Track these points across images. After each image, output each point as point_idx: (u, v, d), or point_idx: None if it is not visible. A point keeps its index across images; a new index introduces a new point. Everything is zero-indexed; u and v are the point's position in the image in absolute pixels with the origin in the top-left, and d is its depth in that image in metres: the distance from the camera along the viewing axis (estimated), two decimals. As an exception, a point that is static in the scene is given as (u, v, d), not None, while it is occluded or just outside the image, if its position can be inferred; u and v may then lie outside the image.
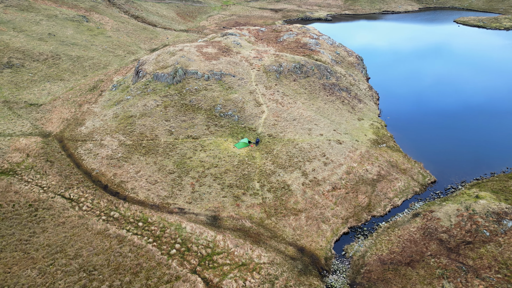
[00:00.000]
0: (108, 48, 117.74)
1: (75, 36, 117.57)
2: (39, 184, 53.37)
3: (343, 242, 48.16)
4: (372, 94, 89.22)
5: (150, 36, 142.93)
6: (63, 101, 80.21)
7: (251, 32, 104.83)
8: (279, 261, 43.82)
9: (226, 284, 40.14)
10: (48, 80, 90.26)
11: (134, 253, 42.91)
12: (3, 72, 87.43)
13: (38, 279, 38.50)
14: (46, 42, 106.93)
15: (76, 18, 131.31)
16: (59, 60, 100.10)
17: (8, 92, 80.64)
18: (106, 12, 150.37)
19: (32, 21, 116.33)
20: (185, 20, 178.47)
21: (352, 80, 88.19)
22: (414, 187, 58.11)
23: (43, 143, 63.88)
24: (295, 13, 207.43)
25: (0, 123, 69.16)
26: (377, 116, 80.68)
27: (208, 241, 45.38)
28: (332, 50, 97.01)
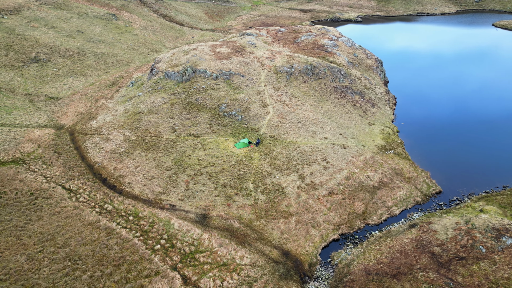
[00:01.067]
0: (132, 46, 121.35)
1: (102, 34, 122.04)
2: (43, 174, 55.92)
3: (332, 249, 47.10)
4: (389, 99, 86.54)
5: (176, 35, 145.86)
6: (81, 96, 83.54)
7: (269, 32, 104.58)
8: (261, 263, 43.50)
9: (203, 283, 40.35)
10: (71, 75, 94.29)
11: (120, 246, 44.03)
12: (30, 66, 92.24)
13: (26, 265, 40.37)
14: (74, 38, 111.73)
15: (105, 16, 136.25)
16: (84, 56, 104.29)
17: (31, 86, 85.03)
18: (136, 11, 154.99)
19: (63, 18, 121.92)
20: (213, 20, 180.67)
21: (367, 83, 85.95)
22: (416, 197, 55.84)
23: (55, 135, 66.85)
24: (324, 14, 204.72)
25: (19, 114, 73.06)
26: (390, 121, 78.18)
27: (193, 239, 45.79)
28: (350, 52, 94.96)
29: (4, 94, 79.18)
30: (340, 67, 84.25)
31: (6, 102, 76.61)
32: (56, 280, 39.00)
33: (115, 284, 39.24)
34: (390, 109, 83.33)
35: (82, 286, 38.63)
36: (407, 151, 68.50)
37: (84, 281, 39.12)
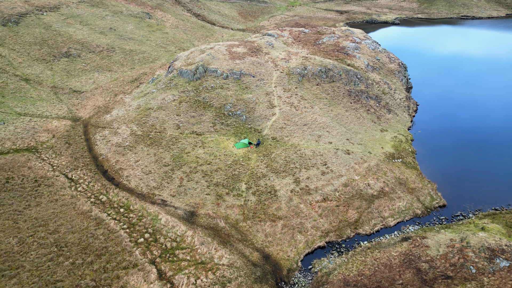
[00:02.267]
0: (161, 44, 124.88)
1: (133, 31, 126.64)
2: (51, 162, 59.06)
3: (316, 256, 45.98)
4: (409, 105, 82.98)
5: (206, 34, 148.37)
6: (102, 90, 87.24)
7: (292, 33, 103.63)
8: (239, 265, 43.35)
9: (177, 279, 40.87)
10: (98, 70, 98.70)
11: (105, 236, 45.61)
12: (60, 61, 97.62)
13: (16, 247, 42.90)
14: (105, 35, 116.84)
15: (139, 14, 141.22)
16: (112, 53, 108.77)
17: (58, 79, 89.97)
18: (170, 10, 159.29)
19: (99, 16, 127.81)
20: (246, 20, 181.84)
21: (386, 88, 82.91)
22: (416, 209, 53.18)
23: (71, 126, 70.34)
24: (361, 16, 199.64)
25: (42, 105, 77.58)
26: (406, 128, 74.96)
27: (177, 235, 46.49)
28: (371, 56, 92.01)
29: (32, 86, 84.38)
30: (357, 71, 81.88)
31: (33, 93, 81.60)
32: (40, 264, 41.10)
33: (93, 273, 40.70)
34: (409, 116, 79.87)
35: (62, 271, 40.44)
36: (418, 160, 65.42)
37: (65, 267, 40.93)
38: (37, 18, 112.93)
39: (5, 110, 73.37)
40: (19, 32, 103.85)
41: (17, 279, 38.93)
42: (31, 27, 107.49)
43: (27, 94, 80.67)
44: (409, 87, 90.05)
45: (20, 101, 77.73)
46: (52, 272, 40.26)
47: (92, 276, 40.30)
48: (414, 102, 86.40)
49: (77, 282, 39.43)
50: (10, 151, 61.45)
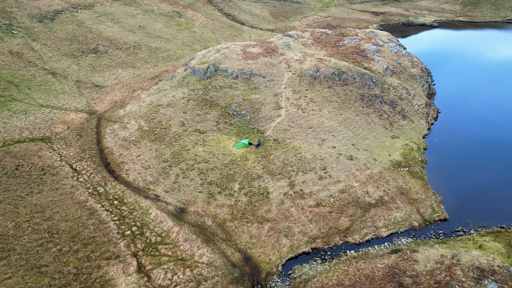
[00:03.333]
0: (187, 42, 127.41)
1: (162, 30, 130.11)
2: (60, 153, 62.05)
3: (299, 261, 45.15)
4: (428, 112, 79.33)
5: (234, 34, 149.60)
6: (122, 86, 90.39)
7: (313, 34, 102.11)
8: (218, 264, 43.46)
9: (155, 273, 41.67)
10: (122, 66, 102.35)
11: (95, 226, 47.31)
12: (88, 56, 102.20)
13: (11, 231, 45.51)
14: (134, 33, 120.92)
15: (170, 13, 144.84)
16: (138, 50, 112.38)
17: (83, 74, 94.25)
18: (201, 9, 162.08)
19: (130, 14, 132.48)
20: (277, 20, 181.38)
21: (404, 93, 79.74)
22: (413, 221, 50.78)
23: (85, 119, 73.51)
24: (397, 18, 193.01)
25: (64, 98, 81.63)
26: (421, 136, 71.74)
27: (163, 230, 47.35)
28: (393, 59, 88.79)
29: (58, 79, 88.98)
30: (373, 74, 79.33)
31: (57, 86, 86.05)
32: (30, 248, 43.35)
33: (77, 260, 42.37)
34: (426, 124, 76.33)
35: (48, 257, 42.43)
36: (428, 170, 62.44)
37: (52, 253, 42.91)
38: (71, 15, 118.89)
39: (29, 101, 77.91)
40: (53, 28, 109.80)
41: (6, 261, 41.29)
42: (65, 24, 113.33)
43: (52, 87, 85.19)
44: (431, 93, 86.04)
45: (44, 93, 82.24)
46: (40, 257, 42.34)
47: (75, 264, 41.96)
48: (435, 109, 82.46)
49: (60, 268, 41.20)
50: (26, 140, 65.19)
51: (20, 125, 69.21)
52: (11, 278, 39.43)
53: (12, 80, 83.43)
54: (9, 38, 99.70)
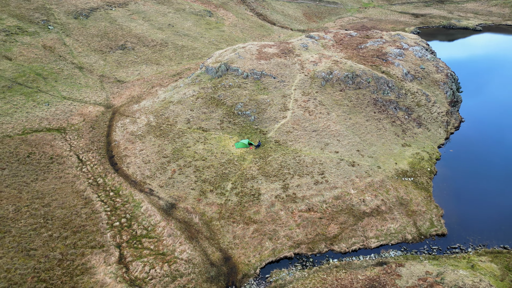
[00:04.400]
0: (214, 41, 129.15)
1: (190, 28, 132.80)
2: (71, 143, 65.14)
3: (280, 266, 44.48)
4: (448, 120, 75.22)
5: (263, 34, 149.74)
6: (143, 82, 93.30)
7: (336, 36, 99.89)
8: (197, 262, 43.81)
9: (133, 265, 42.74)
10: (147, 63, 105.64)
11: (87, 215, 49.26)
12: (115, 53, 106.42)
13: (11, 214, 48.42)
14: (163, 31, 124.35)
15: (201, 12, 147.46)
16: (165, 48, 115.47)
17: (108, 69, 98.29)
18: (233, 9, 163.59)
19: (161, 12, 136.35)
20: (310, 21, 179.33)
21: (423, 100, 76.12)
22: (407, 234, 48.40)
23: (101, 112, 76.66)
24: (438, 20, 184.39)
25: (86, 92, 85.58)
26: (436, 146, 68.19)
27: (150, 224, 48.43)
28: (415, 64, 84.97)
29: (83, 74, 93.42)
30: (390, 79, 76.35)
31: (82, 80, 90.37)
32: (24, 232, 45.93)
33: (64, 247, 44.36)
34: (445, 132, 72.39)
35: (39, 241, 44.75)
36: (436, 182, 59.30)
37: (42, 238, 45.22)
38: (105, 12, 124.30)
39: (54, 93, 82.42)
40: (87, 25, 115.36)
41: (0, 242, 44.02)
42: (98, 21, 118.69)
43: (77, 81, 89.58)
44: (455, 100, 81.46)
45: (69, 86, 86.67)
46: (31, 241, 44.75)
47: (62, 250, 43.94)
48: (458, 118, 77.96)
49: (48, 253, 43.32)
50: (43, 130, 69.05)
51: (41, 115, 73.40)
52: (1, 258, 41.99)
53: (41, 73, 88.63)
54: (45, 33, 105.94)
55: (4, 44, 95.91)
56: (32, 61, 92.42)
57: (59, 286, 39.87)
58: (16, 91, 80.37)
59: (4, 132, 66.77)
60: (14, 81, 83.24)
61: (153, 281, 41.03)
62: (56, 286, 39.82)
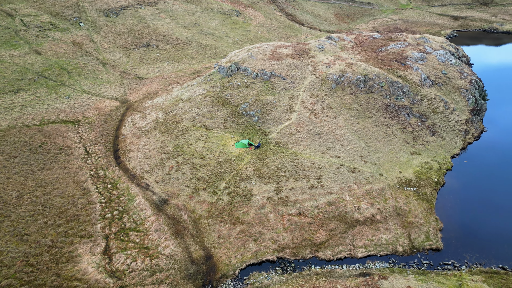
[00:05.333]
0: (238, 41, 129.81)
1: (216, 28, 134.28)
2: (82, 135, 67.88)
3: (261, 268, 44.01)
4: (467, 130, 71.25)
5: (289, 34, 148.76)
6: (161, 79, 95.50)
7: (358, 38, 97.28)
8: (178, 258, 44.29)
9: (116, 257, 43.92)
10: (168, 61, 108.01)
11: (83, 206, 51.15)
12: (139, 50, 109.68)
13: (13, 200, 51.20)
14: (188, 30, 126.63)
15: (228, 12, 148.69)
16: (188, 46, 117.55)
17: (130, 65, 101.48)
18: (262, 9, 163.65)
19: (189, 11, 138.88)
20: (341, 22, 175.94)
21: (441, 106, 72.56)
22: (399, 246, 46.32)
23: (116, 107, 79.29)
24: (478, 23, 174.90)
25: (106, 86, 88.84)
26: (449, 155, 64.84)
27: (140, 218, 49.53)
28: (437, 69, 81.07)
29: (106, 69, 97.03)
30: (405, 83, 73.35)
31: (104, 76, 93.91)
32: (22, 217, 48.42)
33: (55, 234, 46.34)
34: (461, 142, 68.62)
35: (34, 227, 47.03)
36: (442, 193, 56.44)
37: (38, 224, 47.47)
38: (135, 11, 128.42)
39: (75, 87, 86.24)
40: (116, 22, 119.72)
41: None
42: (127, 19, 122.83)
43: (99, 76, 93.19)
44: (478, 108, 76.96)
45: (91, 81, 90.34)
46: (27, 226, 47.10)
47: (53, 237, 45.92)
48: (479, 127, 73.64)
49: (39, 239, 45.44)
50: (60, 121, 72.45)
51: (60, 108, 77.03)
52: (-3, 240, 44.52)
53: (66, 67, 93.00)
54: (76, 30, 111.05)
55: (36, 39, 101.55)
56: (60, 56, 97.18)
57: (44, 271, 41.69)
58: (41, 84, 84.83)
59: (24, 122, 70.66)
60: (40, 74, 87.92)
61: (132, 274, 41.93)
62: (41, 271, 41.67)
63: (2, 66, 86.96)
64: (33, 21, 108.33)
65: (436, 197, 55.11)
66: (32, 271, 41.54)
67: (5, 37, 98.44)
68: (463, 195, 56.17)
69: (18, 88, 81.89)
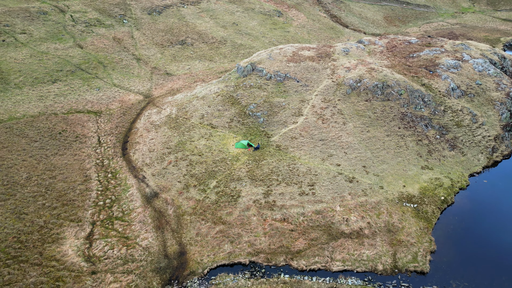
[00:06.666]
0: (274, 41, 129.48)
1: (254, 28, 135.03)
2: (99, 126, 71.84)
3: (231, 270, 43.72)
4: (495, 147, 65.11)
5: (330, 36, 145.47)
6: (188, 76, 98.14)
7: (391, 42, 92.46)
8: (153, 251, 45.39)
9: (97, 243, 46.08)
10: (200, 59, 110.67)
11: (80, 192, 54.23)
12: (174, 47, 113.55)
13: (22, 181, 55.50)
14: (225, 29, 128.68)
15: (270, 12, 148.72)
16: (222, 45, 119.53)
17: (162, 62, 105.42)
18: (306, 10, 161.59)
19: (229, 11, 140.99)
20: (390, 24, 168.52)
21: (467, 119, 66.98)
22: (379, 264, 43.55)
23: (138, 101, 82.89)
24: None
25: (135, 81, 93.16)
26: (467, 173, 59.77)
27: (129, 208, 51.45)
28: (471, 78, 74.79)
29: (139, 65, 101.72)
30: (428, 92, 68.57)
31: (135, 71, 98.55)
32: (25, 197, 52.42)
33: (49, 215, 49.63)
34: (486, 159, 62.90)
35: (33, 207, 50.73)
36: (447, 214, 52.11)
37: (37, 205, 51.13)
38: (177, 9, 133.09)
39: (107, 80, 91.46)
40: (157, 20, 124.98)
41: (3, 203, 50.97)
42: (168, 17, 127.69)
43: (130, 71, 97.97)
44: (511, 124, 69.93)
45: (122, 75, 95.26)
46: (27, 206, 50.94)
47: (47, 218, 49.22)
48: (510, 145, 66.93)
49: (34, 219, 48.95)
50: (85, 111, 77.32)
51: (89, 99, 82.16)
52: (-2, 216, 48.67)
53: (103, 61, 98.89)
54: (119, 26, 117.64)
55: (81, 34, 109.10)
56: (99, 51, 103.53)
57: (30, 249, 44.84)
58: (77, 76, 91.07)
59: (54, 110, 76.31)
60: (78, 67, 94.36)
61: (107, 261, 43.69)
62: (28, 248, 44.87)
63: (45, 58, 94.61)
64: (81, 17, 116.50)
65: (438, 217, 50.97)
66: (20, 247, 44.84)
67: (54, 31, 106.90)
68: (470, 218, 51.41)
69: (56, 79, 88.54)
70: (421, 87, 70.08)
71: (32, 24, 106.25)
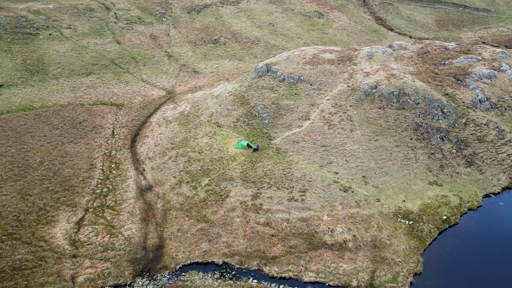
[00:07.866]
0: (309, 43, 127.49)
1: (291, 28, 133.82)
2: (117, 118, 75.34)
3: (204, 269, 43.86)
4: (522, 166, 59.16)
5: (372, 39, 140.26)
6: (214, 75, 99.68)
7: (425, 48, 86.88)
8: (134, 242, 46.82)
9: (84, 229, 48.43)
10: (230, 58, 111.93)
11: (83, 179, 57.29)
12: (206, 46, 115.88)
13: (35, 164, 59.70)
14: (260, 29, 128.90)
15: (310, 13, 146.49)
16: (255, 45, 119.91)
17: (192, 60, 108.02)
18: (350, 11, 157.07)
19: (268, 11, 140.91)
20: (441, 29, 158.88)
21: (492, 135, 61.44)
22: (354, 280, 41.32)
23: (160, 97, 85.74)
24: None
25: (162, 77, 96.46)
26: (482, 193, 54.92)
27: (122, 198, 53.50)
28: (505, 90, 68.29)
29: (169, 61, 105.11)
30: (449, 103, 63.69)
31: (164, 67, 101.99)
32: (34, 179, 56.41)
33: (49, 198, 53.03)
34: (507, 180, 57.33)
35: (37, 190, 54.50)
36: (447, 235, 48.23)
37: (41, 188, 54.84)
38: (215, 9, 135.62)
39: (136, 75, 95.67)
40: (195, 19, 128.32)
41: (14, 183, 55.31)
42: (206, 16, 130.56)
43: (160, 67, 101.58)
44: (548, 143, 62.82)
45: (151, 70, 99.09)
46: (32, 188, 54.84)
47: (47, 201, 52.65)
48: (542, 166, 60.28)
49: (36, 201, 52.57)
50: (108, 103, 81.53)
51: (115, 92, 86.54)
52: (5, 195, 52.89)
53: (136, 57, 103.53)
54: (158, 24, 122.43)
55: (121, 31, 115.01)
56: (135, 47, 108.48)
57: (26, 228, 48.23)
58: (109, 70, 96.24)
59: (82, 101, 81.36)
60: (112, 61, 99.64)
61: (88, 247, 45.79)
62: (23, 227, 48.30)
63: (84, 52, 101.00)
64: (124, 15, 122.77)
65: (435, 237, 47.23)
66: (17, 226, 48.40)
67: (96, 27, 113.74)
68: (471, 242, 47.05)
69: (90, 72, 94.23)
70: (442, 96, 65.29)
71: (78, 20, 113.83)
